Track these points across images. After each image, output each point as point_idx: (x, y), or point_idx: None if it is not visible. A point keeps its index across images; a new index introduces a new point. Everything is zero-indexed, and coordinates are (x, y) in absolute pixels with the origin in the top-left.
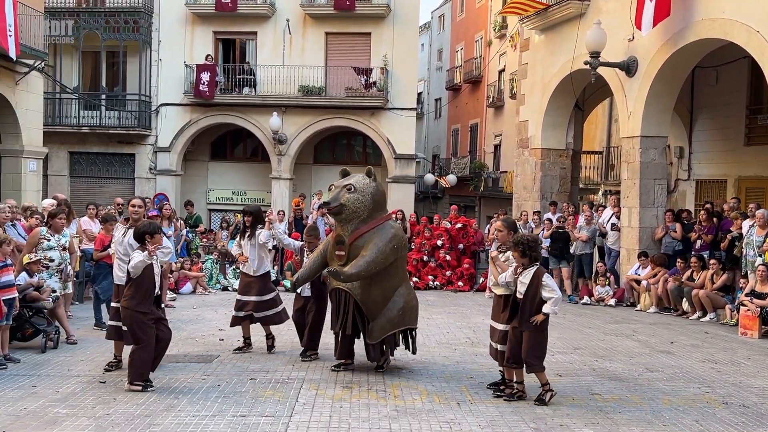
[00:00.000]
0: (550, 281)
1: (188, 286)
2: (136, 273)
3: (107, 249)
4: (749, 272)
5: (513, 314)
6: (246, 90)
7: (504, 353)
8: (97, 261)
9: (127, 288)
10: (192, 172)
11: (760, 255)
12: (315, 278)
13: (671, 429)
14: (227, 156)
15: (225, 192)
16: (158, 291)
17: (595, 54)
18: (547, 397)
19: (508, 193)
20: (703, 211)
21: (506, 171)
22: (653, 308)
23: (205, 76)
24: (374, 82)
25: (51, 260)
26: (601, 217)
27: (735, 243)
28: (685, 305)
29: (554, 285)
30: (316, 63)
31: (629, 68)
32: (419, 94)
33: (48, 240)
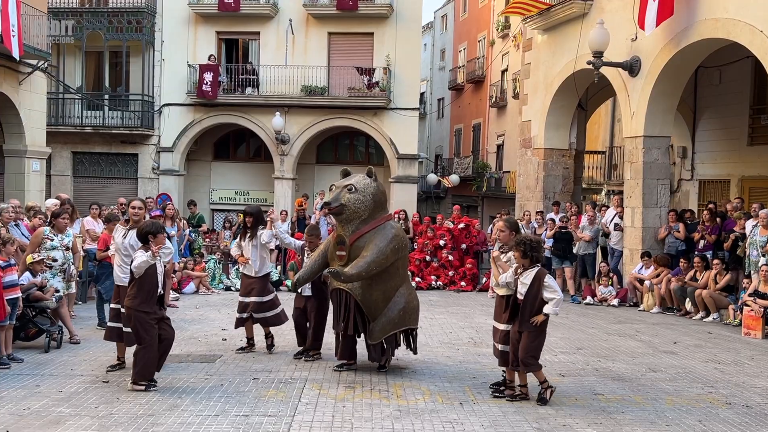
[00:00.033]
0: (552, 282)
1: (191, 286)
2: (139, 273)
3: (110, 249)
4: (752, 272)
5: (514, 315)
6: (249, 90)
7: (504, 353)
8: (100, 261)
9: (131, 287)
10: (195, 172)
11: (764, 255)
12: (316, 278)
13: (674, 429)
14: (230, 156)
15: (228, 192)
16: (161, 291)
17: (598, 54)
18: (548, 395)
19: (511, 193)
20: (707, 211)
21: (509, 171)
22: (656, 308)
23: (208, 76)
24: (377, 82)
25: (54, 260)
26: (604, 217)
27: (738, 243)
28: (689, 305)
29: (556, 286)
30: (319, 63)
31: (632, 68)
32: (422, 94)
33: (51, 240)
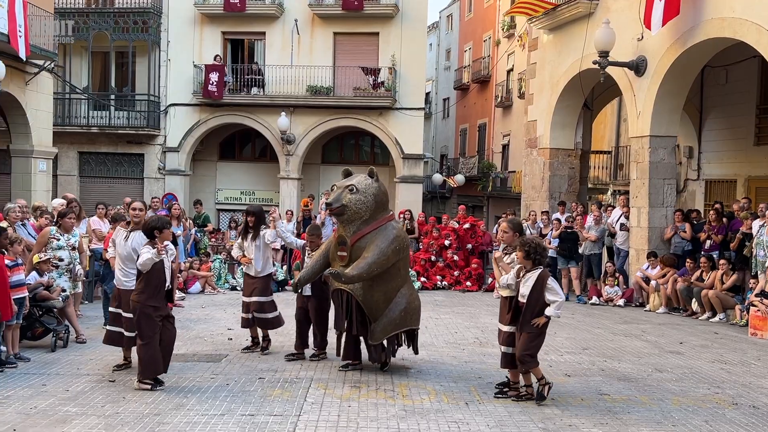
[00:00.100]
0: (555, 285)
1: (197, 286)
2: (146, 269)
3: (109, 251)
4: (759, 272)
5: (516, 316)
6: (254, 90)
7: (506, 354)
8: (107, 260)
9: (138, 282)
10: (201, 172)
11: None
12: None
13: (680, 429)
14: (236, 156)
15: (233, 192)
16: (169, 285)
17: (604, 53)
18: (546, 390)
19: (517, 193)
20: (713, 211)
21: (514, 171)
22: (662, 308)
23: (214, 77)
24: (382, 82)
25: (60, 260)
26: (610, 217)
27: (745, 243)
28: (695, 305)
29: (559, 289)
30: (324, 63)
31: (638, 68)
32: (427, 94)
33: (57, 240)
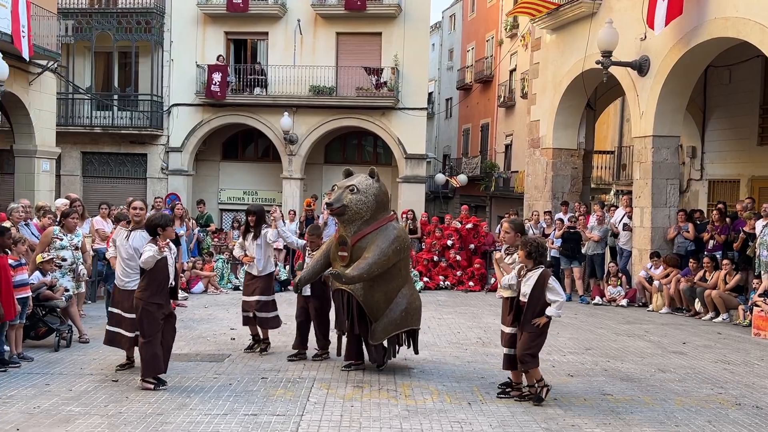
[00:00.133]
0: (556, 284)
1: (200, 286)
2: (148, 266)
3: (109, 251)
4: (762, 272)
5: (518, 317)
6: (257, 90)
7: (509, 356)
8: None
9: (141, 279)
10: (203, 172)
11: None
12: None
13: (683, 430)
14: (238, 156)
15: (236, 192)
16: (172, 282)
17: (607, 53)
18: (544, 393)
19: (519, 193)
20: (716, 211)
21: (517, 171)
22: (665, 309)
23: (217, 77)
24: (385, 82)
25: (64, 259)
26: (613, 217)
27: (748, 243)
28: (698, 306)
29: (560, 289)
30: (327, 63)
31: (641, 67)
32: (430, 94)
33: (61, 239)
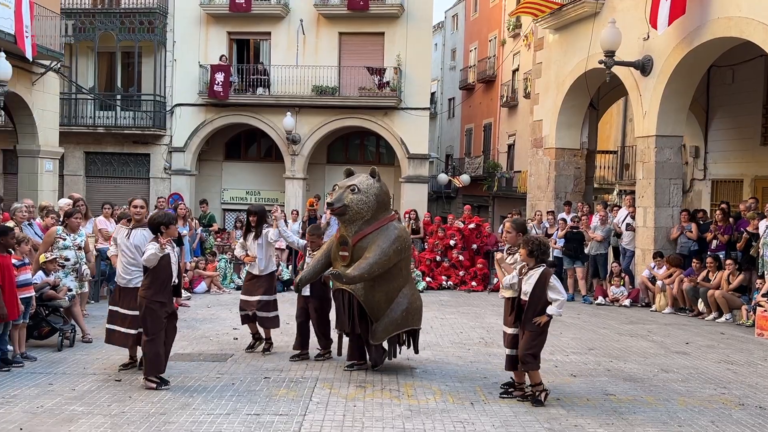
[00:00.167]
0: (558, 283)
1: (203, 285)
2: (151, 264)
3: (110, 250)
4: (766, 273)
5: (519, 317)
6: (260, 90)
7: (511, 357)
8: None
9: (145, 278)
10: (206, 172)
11: None
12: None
13: (687, 430)
14: (241, 156)
15: (239, 192)
16: (176, 280)
17: (610, 53)
18: (543, 397)
19: (522, 193)
20: (719, 211)
21: (520, 171)
22: (668, 309)
23: (220, 77)
24: (387, 82)
25: (67, 259)
26: (616, 217)
27: (752, 243)
28: (701, 306)
29: (561, 287)
30: (330, 63)
31: (644, 67)
32: (432, 94)
33: (64, 239)
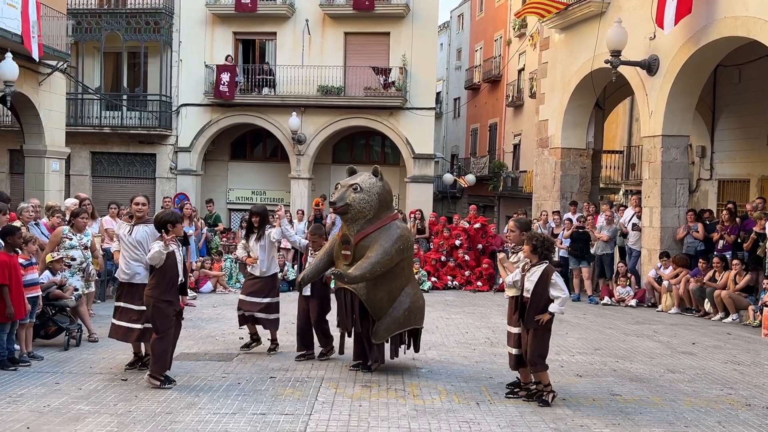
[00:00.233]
0: (560, 280)
1: (208, 285)
2: (156, 263)
3: (113, 246)
4: None
5: (523, 315)
6: (265, 90)
7: (515, 356)
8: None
9: (151, 277)
10: (212, 172)
11: None
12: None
13: (693, 431)
14: (247, 156)
15: (245, 192)
16: (182, 279)
17: (616, 53)
18: (550, 398)
19: (528, 193)
20: (726, 211)
21: (526, 170)
22: (675, 309)
23: (225, 77)
24: (393, 82)
25: (73, 259)
26: (622, 217)
27: (758, 243)
28: (707, 306)
29: (563, 284)
30: (335, 63)
31: (650, 67)
32: (438, 94)
33: (70, 239)
